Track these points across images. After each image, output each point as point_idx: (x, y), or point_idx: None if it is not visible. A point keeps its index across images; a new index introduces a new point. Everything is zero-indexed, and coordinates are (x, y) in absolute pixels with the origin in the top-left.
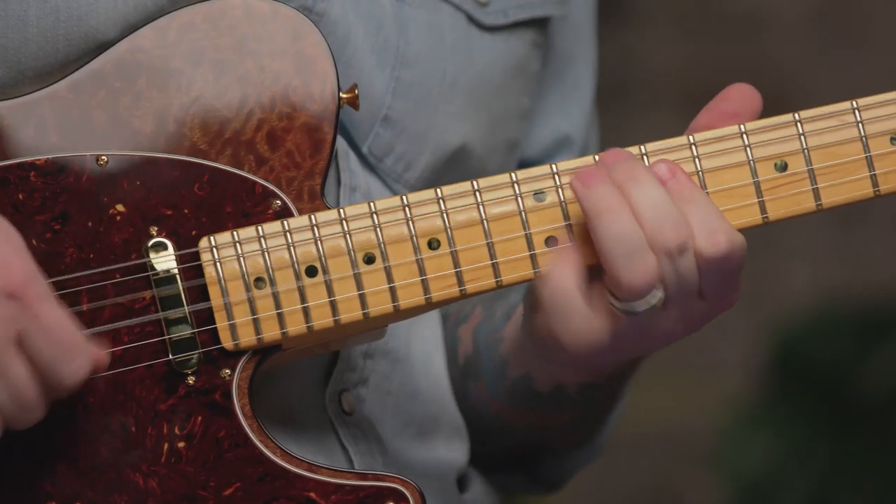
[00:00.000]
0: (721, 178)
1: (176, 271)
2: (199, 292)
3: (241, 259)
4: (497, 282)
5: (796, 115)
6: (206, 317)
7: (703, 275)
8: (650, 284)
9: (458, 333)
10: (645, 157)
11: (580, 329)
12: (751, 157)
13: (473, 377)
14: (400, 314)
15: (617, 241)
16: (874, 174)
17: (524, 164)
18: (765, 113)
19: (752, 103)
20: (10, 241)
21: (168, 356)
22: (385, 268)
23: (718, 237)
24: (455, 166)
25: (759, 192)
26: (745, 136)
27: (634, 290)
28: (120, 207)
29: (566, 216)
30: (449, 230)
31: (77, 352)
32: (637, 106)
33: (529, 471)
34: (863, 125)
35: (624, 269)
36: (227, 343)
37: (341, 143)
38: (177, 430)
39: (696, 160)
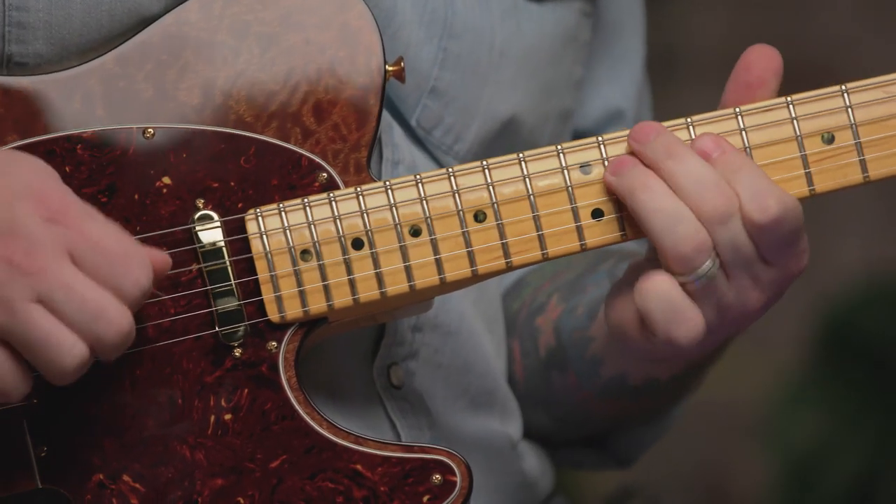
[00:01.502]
0: (767, 151)
1: (222, 244)
2: (246, 264)
3: (287, 231)
4: (543, 254)
5: (843, 86)
6: (253, 289)
7: (759, 240)
8: (698, 252)
9: (535, 324)
10: (691, 128)
11: (690, 325)
12: (798, 130)
13: (558, 368)
14: (446, 286)
15: (654, 214)
16: None
17: (576, 136)
18: (813, 85)
19: (772, 63)
20: (44, 172)
21: (215, 328)
22: (431, 240)
23: (767, 201)
24: (505, 137)
25: (805, 164)
26: (791, 107)
27: (683, 260)
28: (166, 180)
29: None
30: (495, 203)
31: (133, 262)
32: (688, 78)
33: (601, 447)
34: None
35: (668, 241)
36: (273, 315)
37: (385, 116)
38: (223, 403)
39: (743, 133)
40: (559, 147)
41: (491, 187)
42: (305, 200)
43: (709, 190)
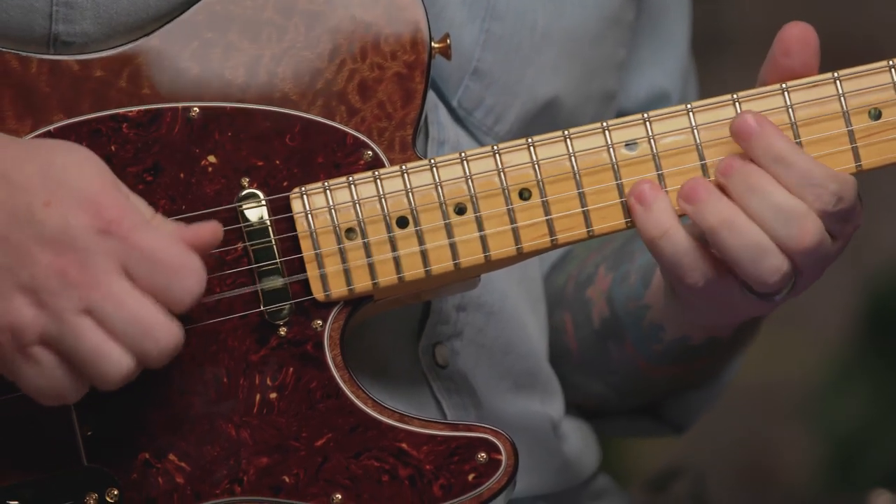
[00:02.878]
0: (814, 127)
1: (268, 222)
2: (291, 243)
3: (333, 210)
4: (588, 232)
5: (890, 61)
6: (298, 268)
7: (829, 228)
8: (784, 281)
9: (586, 295)
10: (737, 105)
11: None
12: (844, 106)
13: (615, 338)
14: (491, 264)
15: (741, 251)
16: None
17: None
18: (859, 62)
19: (811, 46)
20: (100, 176)
21: (260, 307)
22: (476, 218)
23: (831, 192)
24: (546, 118)
25: (852, 140)
26: (838, 83)
27: (770, 289)
28: (212, 158)
29: (658, 166)
30: (540, 180)
31: (185, 270)
32: (734, 58)
33: (656, 414)
34: None
35: (755, 273)
36: (318, 294)
37: (431, 96)
38: (269, 382)
39: (790, 109)
40: (605, 124)
41: (536, 165)
42: (350, 179)
43: (793, 222)
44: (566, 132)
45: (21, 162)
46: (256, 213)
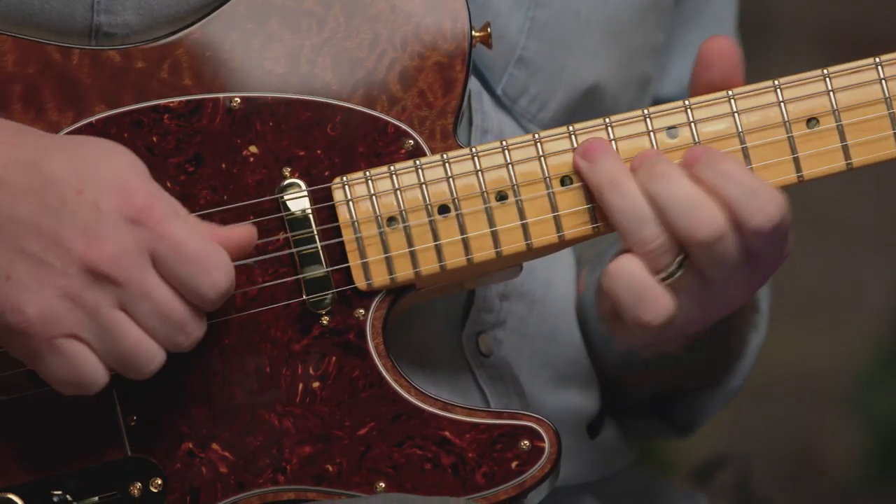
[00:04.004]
0: (855, 112)
1: (309, 212)
2: (333, 232)
3: (374, 198)
4: None
5: None
6: (340, 257)
7: (753, 246)
8: (662, 252)
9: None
10: (779, 91)
11: (658, 308)
12: (886, 92)
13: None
14: (533, 252)
15: (622, 214)
16: None
17: (661, 102)
18: None
19: (730, 60)
20: (131, 167)
21: (302, 296)
22: (517, 205)
23: (766, 208)
24: (588, 105)
25: (894, 124)
26: (880, 68)
27: (650, 259)
28: (253, 149)
29: None
30: None
31: (211, 264)
32: (780, 47)
33: (662, 414)
34: None
35: (634, 241)
36: (360, 283)
37: (474, 84)
38: (311, 371)
39: (831, 94)
40: (646, 111)
41: None
42: (392, 168)
43: (695, 212)
44: (607, 119)
45: (52, 153)
46: (298, 202)
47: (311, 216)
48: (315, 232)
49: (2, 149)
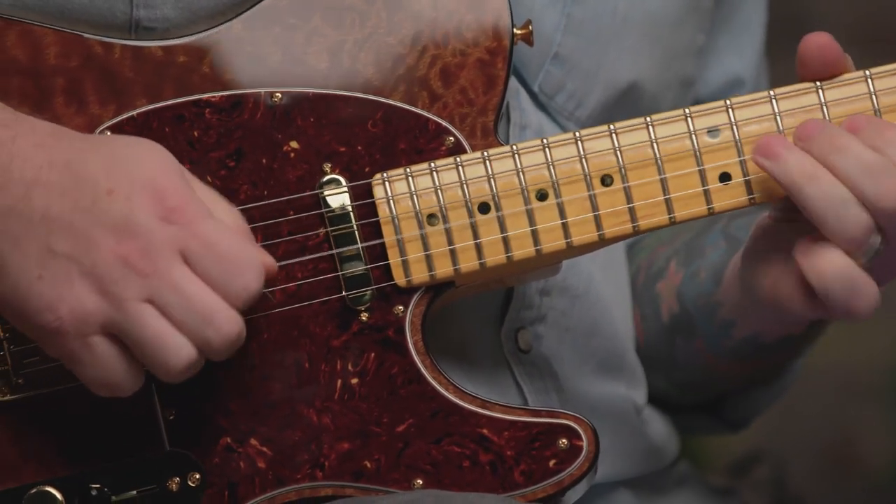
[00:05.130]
0: None
1: (350, 208)
2: (373, 229)
3: (414, 195)
4: (670, 218)
5: None
6: (379, 253)
7: None
8: (868, 234)
9: (656, 290)
10: (820, 91)
11: (870, 297)
12: None
13: (684, 333)
14: (573, 250)
15: (824, 202)
16: None
17: (696, 104)
18: None
19: (829, 54)
20: (165, 167)
21: (341, 292)
22: (558, 204)
23: None
24: (626, 104)
25: None
26: None
27: (854, 244)
28: (294, 144)
29: (740, 152)
30: (622, 167)
31: (245, 265)
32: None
33: (715, 411)
34: None
35: (837, 227)
36: (399, 279)
37: (512, 81)
38: (350, 367)
39: (873, 96)
40: (687, 111)
41: (618, 151)
42: (432, 165)
43: (882, 179)
44: (648, 119)
45: (85, 152)
46: (338, 198)
47: (351, 212)
48: (355, 228)
49: (37, 150)
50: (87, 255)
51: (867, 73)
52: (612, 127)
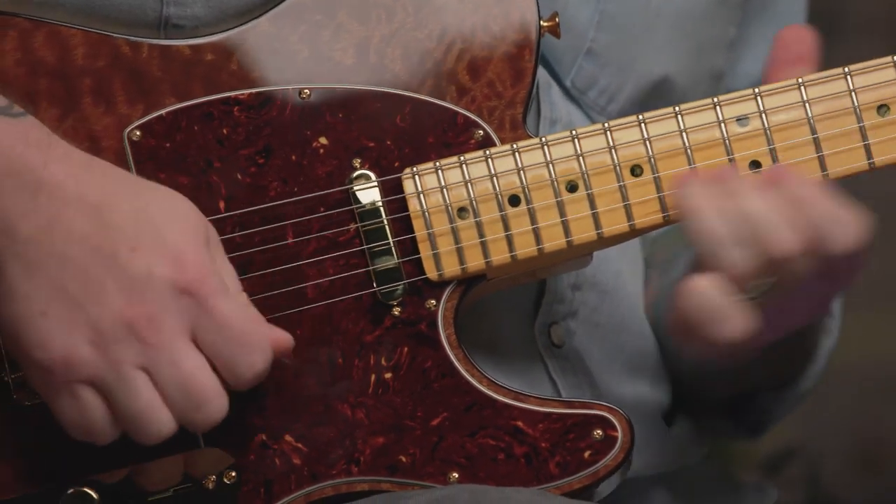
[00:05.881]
0: None
1: (380, 203)
2: (403, 223)
3: (444, 189)
4: None
5: None
6: (410, 247)
7: (831, 266)
8: (745, 278)
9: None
10: (849, 78)
11: (735, 325)
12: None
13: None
14: (604, 241)
15: (704, 239)
16: None
17: None
18: None
19: (807, 46)
20: (193, 234)
21: (373, 287)
22: (588, 195)
23: (846, 235)
24: (658, 98)
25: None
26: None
27: (736, 284)
28: (323, 140)
29: (770, 140)
30: (652, 156)
31: (253, 346)
32: (847, 38)
33: (731, 416)
34: None
35: (718, 266)
36: (431, 273)
37: (543, 75)
38: (383, 362)
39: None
40: (715, 100)
41: (647, 141)
42: (462, 158)
43: (778, 228)
44: (677, 108)
45: (118, 197)
46: (368, 194)
47: (381, 207)
48: (385, 223)
49: (70, 182)
50: (94, 306)
51: (895, 59)
52: (640, 117)
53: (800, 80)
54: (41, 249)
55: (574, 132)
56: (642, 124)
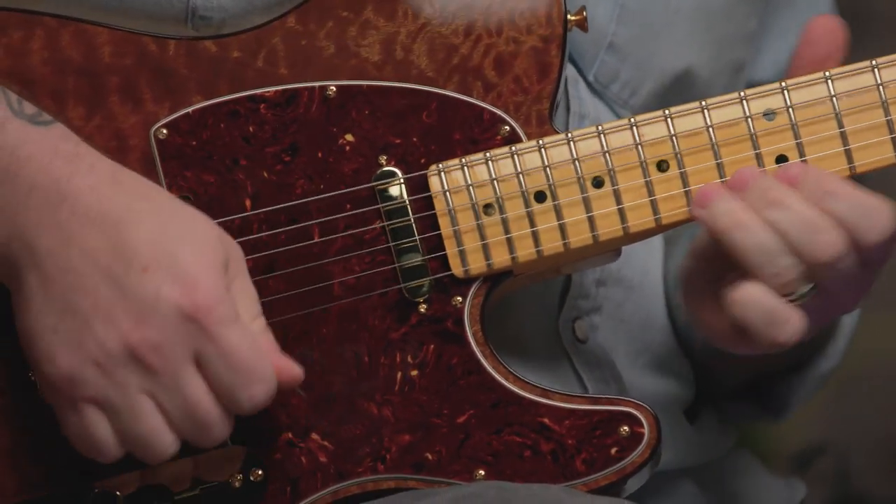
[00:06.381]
0: None
1: (406, 200)
2: (429, 220)
3: (470, 186)
4: None
5: None
6: (436, 244)
7: (866, 257)
8: (797, 283)
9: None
10: (876, 71)
11: (793, 325)
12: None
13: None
14: (630, 237)
15: (751, 251)
16: None
17: (751, 87)
18: None
19: (836, 38)
20: (210, 259)
21: (399, 285)
22: (614, 191)
23: (879, 222)
24: (679, 91)
25: None
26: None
27: (781, 289)
28: (349, 137)
29: (797, 135)
30: (678, 152)
31: (256, 378)
32: (875, 37)
33: (753, 398)
34: None
35: (766, 276)
36: (457, 270)
37: (570, 70)
38: (409, 359)
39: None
40: (742, 94)
41: (674, 137)
42: (488, 154)
43: (817, 235)
44: (703, 103)
45: (140, 218)
46: (394, 191)
47: (407, 204)
48: (412, 220)
49: (93, 197)
50: (101, 327)
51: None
52: (667, 112)
53: (827, 73)
54: (58, 264)
55: (600, 128)
56: (668, 119)
